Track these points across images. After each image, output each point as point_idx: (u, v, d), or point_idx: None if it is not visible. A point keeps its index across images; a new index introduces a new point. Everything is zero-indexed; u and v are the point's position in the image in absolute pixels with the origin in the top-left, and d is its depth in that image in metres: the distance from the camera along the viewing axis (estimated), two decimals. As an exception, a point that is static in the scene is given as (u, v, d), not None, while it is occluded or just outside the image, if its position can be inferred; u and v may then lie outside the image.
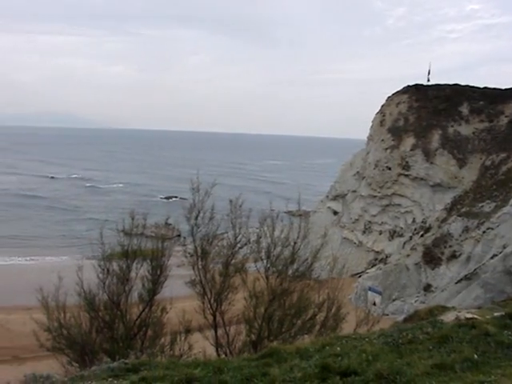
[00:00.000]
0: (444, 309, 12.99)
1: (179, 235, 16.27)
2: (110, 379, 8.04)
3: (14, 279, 51.85)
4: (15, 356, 33.59)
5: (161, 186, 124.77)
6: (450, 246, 44.60)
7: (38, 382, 8.62)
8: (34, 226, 77.79)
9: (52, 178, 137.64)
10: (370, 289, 44.80)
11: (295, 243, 14.52)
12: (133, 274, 13.12)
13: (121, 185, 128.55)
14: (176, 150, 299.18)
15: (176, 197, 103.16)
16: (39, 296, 12.71)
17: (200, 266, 13.98)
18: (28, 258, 60.33)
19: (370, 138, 63.26)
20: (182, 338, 13.81)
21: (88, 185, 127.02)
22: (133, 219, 13.29)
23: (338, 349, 8.56)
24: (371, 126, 63.95)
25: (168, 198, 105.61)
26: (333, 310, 14.77)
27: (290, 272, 14.50)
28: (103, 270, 12.95)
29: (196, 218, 13.81)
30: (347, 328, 14.45)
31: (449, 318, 10.21)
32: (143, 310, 13.24)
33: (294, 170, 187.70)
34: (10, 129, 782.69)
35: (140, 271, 13.20)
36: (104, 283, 12.96)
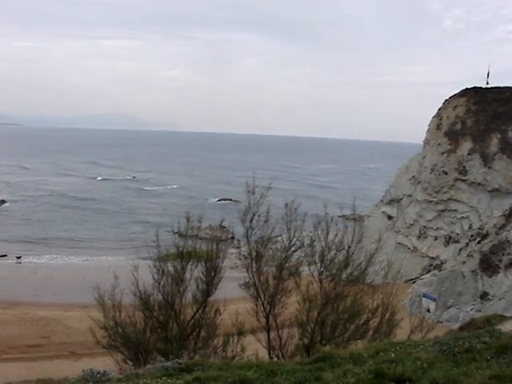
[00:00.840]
0: (502, 318, 12.69)
1: (233, 237, 16.32)
2: (164, 378, 8.13)
3: (71, 278, 53.11)
4: (72, 352, 34.38)
5: (214, 189, 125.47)
6: (509, 254, 43.39)
7: (95, 378, 8.79)
8: (90, 228, 79.28)
9: (107, 179, 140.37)
10: (424, 295, 44.01)
11: (349, 247, 14.40)
12: (187, 275, 13.24)
13: (175, 187, 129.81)
14: (229, 153, 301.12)
15: (230, 199, 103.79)
16: (96, 295, 12.97)
17: (254, 269, 14.01)
18: (84, 258, 61.64)
19: (427, 141, 62.15)
20: (235, 340, 13.86)
21: (142, 187, 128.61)
22: (188, 221, 13.42)
23: (392, 355, 8.44)
24: (427, 130, 62.82)
25: (222, 200, 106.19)
26: (387, 316, 14.57)
27: (343, 276, 14.38)
28: (158, 270, 13.11)
29: (251, 221, 13.85)
30: (401, 334, 14.24)
31: (507, 327, 9.95)
32: (197, 311, 13.35)
33: (347, 173, 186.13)
34: (72, 131, 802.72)
35: (194, 272, 13.31)
36: (159, 283, 13.13)
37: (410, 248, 58.07)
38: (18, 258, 60.74)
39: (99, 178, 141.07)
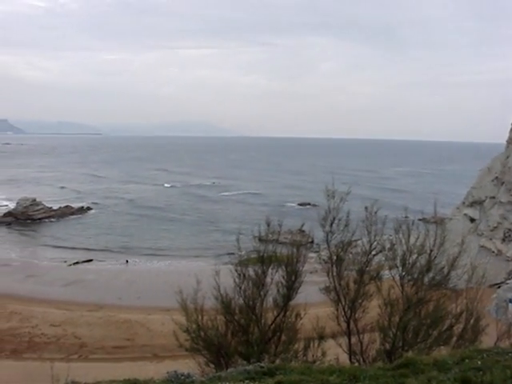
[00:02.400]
0: None
1: (312, 242, 16.31)
2: (246, 381, 8.22)
3: (154, 282, 54.35)
4: (155, 354, 35.15)
5: (292, 193, 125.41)
6: None
7: (179, 380, 8.98)
8: (171, 234, 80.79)
9: (186, 185, 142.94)
10: (510, 301, 42.50)
11: (431, 251, 14.12)
12: (268, 280, 13.33)
13: (253, 192, 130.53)
14: (307, 158, 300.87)
15: (309, 204, 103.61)
16: (179, 298, 13.23)
17: (334, 273, 13.96)
18: (166, 263, 62.83)
19: (510, 141, 60.03)
20: (316, 344, 13.83)
21: (221, 193, 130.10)
22: (268, 225, 13.52)
23: (479, 363, 8.21)
24: (511, 129, 60.69)
25: (301, 204, 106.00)
26: (471, 322, 14.16)
27: (425, 280, 14.11)
28: (239, 274, 13.25)
29: (331, 225, 13.82)
30: (487, 341, 13.82)
31: None
32: (278, 315, 13.41)
33: (423, 176, 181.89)
34: (153, 139, 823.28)
35: (275, 277, 13.39)
36: (240, 288, 13.26)
37: (494, 252, 56.18)
38: (127, 261, 63.56)
39: (186, 184, 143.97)
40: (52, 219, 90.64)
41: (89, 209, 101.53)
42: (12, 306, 44.81)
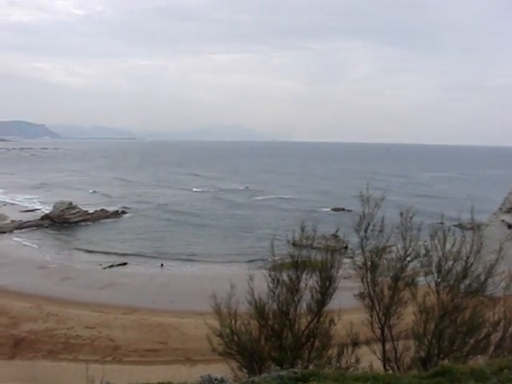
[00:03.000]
0: None
1: (346, 247, 16.21)
2: (279, 387, 8.19)
3: (187, 286, 54.58)
4: (188, 358, 35.29)
5: (326, 198, 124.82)
6: None
7: (212, 384, 9.00)
8: (204, 238, 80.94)
9: (220, 190, 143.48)
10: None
11: (467, 258, 13.93)
12: (302, 285, 13.29)
13: (286, 197, 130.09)
14: (339, 162, 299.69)
15: (343, 209, 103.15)
16: (212, 303, 13.27)
17: (369, 279, 13.86)
18: (200, 267, 63.02)
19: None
20: (349, 351, 13.74)
21: (253, 197, 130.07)
22: (302, 230, 13.49)
23: (518, 373, 8.07)
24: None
25: (335, 210, 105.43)
26: (510, 330, 13.91)
27: (462, 287, 13.92)
28: (273, 279, 13.24)
29: (365, 231, 13.72)
30: (526, 351, 13.55)
31: None
32: (311, 321, 13.35)
33: (461, 181, 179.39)
34: (187, 143, 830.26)
35: (309, 282, 13.34)
36: (274, 293, 13.24)
37: (532, 259, 55.18)
38: (161, 265, 63.87)
39: (219, 189, 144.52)
40: (88, 222, 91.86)
41: (123, 212, 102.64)
42: (48, 307, 45.50)
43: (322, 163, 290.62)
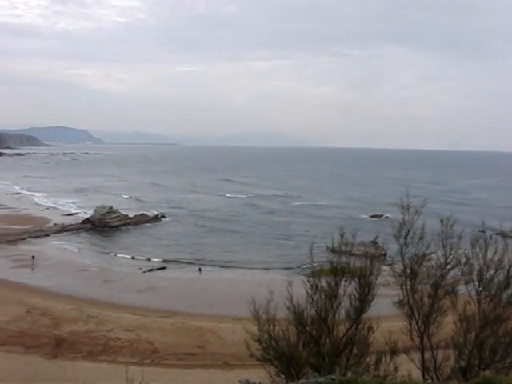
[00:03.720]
0: None
1: (385, 254, 16.07)
2: (317, 393, 8.20)
3: (226, 291, 54.79)
4: (225, 362, 35.38)
5: (363, 205, 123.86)
6: None
7: (251, 389, 9.05)
8: (242, 243, 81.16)
9: (259, 196, 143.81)
10: None
11: (510, 266, 13.70)
12: (341, 291, 13.26)
13: (323, 203, 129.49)
14: (378, 169, 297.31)
15: (382, 215, 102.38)
16: (251, 308, 13.34)
17: (408, 287, 13.75)
18: (239, 273, 63.09)
19: None
20: (388, 359, 13.63)
21: (291, 203, 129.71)
22: (342, 237, 13.47)
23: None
24: None
25: (374, 216, 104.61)
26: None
27: (504, 297, 13.70)
28: (312, 285, 13.23)
29: (405, 238, 13.62)
30: None
31: None
32: (350, 328, 13.30)
33: (500, 188, 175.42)
34: (224, 149, 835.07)
35: (348, 289, 13.30)
36: (312, 299, 13.23)
37: None
38: (200, 270, 64.29)
39: (241, 196, 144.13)
40: (128, 227, 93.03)
41: (163, 217, 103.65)
42: (89, 309, 46.20)
43: (358, 169, 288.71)
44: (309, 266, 13.83)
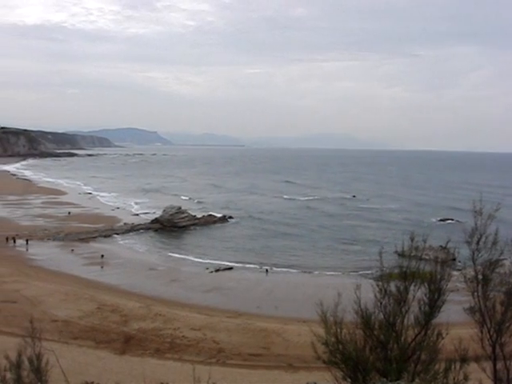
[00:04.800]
0: None
1: (454, 259, 15.73)
2: (385, 398, 8.11)
3: (291, 293, 54.80)
4: (290, 364, 35.34)
5: (433, 208, 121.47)
6: None
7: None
8: (308, 245, 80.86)
9: (324, 198, 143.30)
10: None
11: None
12: (410, 296, 13.03)
13: (392, 206, 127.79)
14: (449, 171, 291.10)
15: (451, 219, 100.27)
16: (318, 310, 13.28)
17: (480, 293, 13.38)
18: (305, 275, 62.84)
19: None
20: (457, 367, 13.30)
21: (359, 206, 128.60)
22: (412, 241, 13.24)
23: None
24: None
25: (443, 220, 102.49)
26: None
27: None
28: (381, 289, 13.05)
29: (477, 243, 13.27)
30: None
31: None
32: (418, 333, 13.03)
33: None
34: (292, 151, 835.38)
35: (417, 294, 13.06)
36: (380, 303, 13.05)
37: None
38: (266, 271, 64.61)
39: (301, 198, 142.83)
40: (196, 227, 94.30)
41: (230, 218, 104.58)
42: (157, 308, 47.11)
43: (425, 172, 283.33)
44: (377, 269, 13.61)
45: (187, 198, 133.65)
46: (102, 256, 67.68)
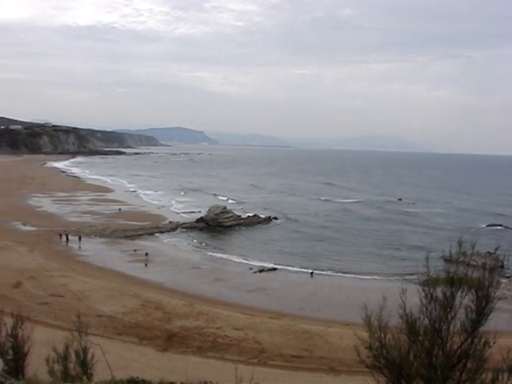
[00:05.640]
0: None
1: (503, 266, 15.37)
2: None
3: (335, 295, 54.51)
4: (332, 367, 35.14)
5: (481, 213, 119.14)
6: None
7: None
8: (353, 248, 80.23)
9: (370, 200, 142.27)
10: None
11: None
12: (456, 302, 12.79)
13: (439, 210, 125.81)
14: (495, 176, 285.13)
15: (500, 225, 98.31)
16: (362, 314, 13.16)
17: (529, 302, 13.08)
18: (349, 278, 62.33)
19: None
20: (505, 377, 12.99)
21: (404, 210, 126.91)
22: (460, 246, 12.99)
23: None
24: None
25: (491, 226, 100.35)
26: None
27: None
28: (426, 295, 12.84)
29: (529, 250, 12.95)
30: None
31: None
32: (465, 341, 12.75)
33: None
34: (340, 152, 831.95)
35: (464, 300, 12.81)
36: (426, 308, 12.84)
37: None
38: (311, 273, 64.16)
39: (337, 200, 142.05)
40: (241, 227, 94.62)
41: (275, 218, 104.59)
42: (200, 306, 47.42)
43: (469, 176, 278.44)
44: (422, 274, 13.38)
45: (226, 198, 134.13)
46: (147, 254, 68.35)
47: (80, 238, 76.03)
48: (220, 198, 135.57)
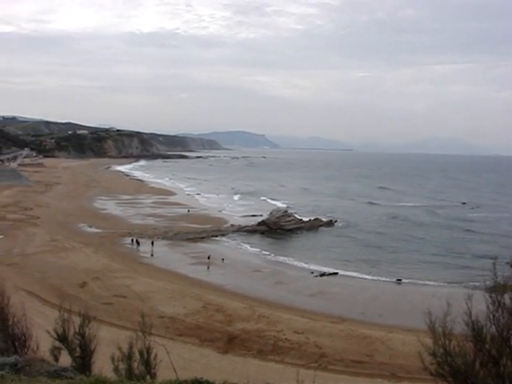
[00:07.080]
0: None
1: None
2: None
3: (397, 300, 53.59)
4: (393, 373, 34.57)
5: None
6: None
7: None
8: (415, 253, 78.86)
9: (433, 206, 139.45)
10: None
11: None
12: (525, 310, 12.36)
13: (506, 215, 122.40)
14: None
15: None
16: (426, 320, 12.89)
17: None
18: (412, 283, 61.21)
19: None
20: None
21: (476, 214, 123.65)
22: (529, 251, 12.59)
23: None
24: None
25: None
26: None
27: None
28: (494, 301, 12.46)
29: None
30: None
31: None
32: (536, 349, 12.34)
33: None
34: (402, 156, 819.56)
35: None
36: (493, 315, 12.44)
37: None
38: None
39: (389, 204, 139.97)
40: (302, 231, 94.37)
41: (336, 222, 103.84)
42: (261, 309, 47.47)
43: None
44: (489, 280, 12.97)
45: (280, 202, 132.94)
46: (209, 257, 68.78)
47: (153, 243, 75.63)
48: (272, 202, 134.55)
